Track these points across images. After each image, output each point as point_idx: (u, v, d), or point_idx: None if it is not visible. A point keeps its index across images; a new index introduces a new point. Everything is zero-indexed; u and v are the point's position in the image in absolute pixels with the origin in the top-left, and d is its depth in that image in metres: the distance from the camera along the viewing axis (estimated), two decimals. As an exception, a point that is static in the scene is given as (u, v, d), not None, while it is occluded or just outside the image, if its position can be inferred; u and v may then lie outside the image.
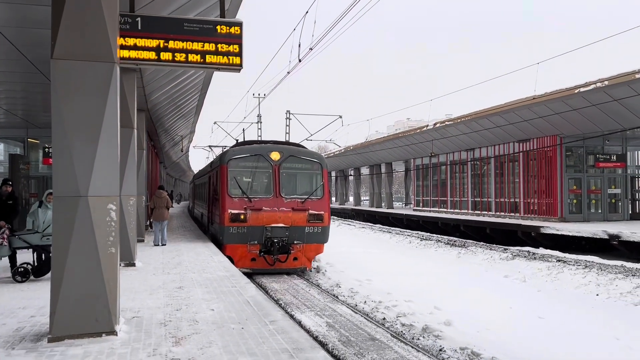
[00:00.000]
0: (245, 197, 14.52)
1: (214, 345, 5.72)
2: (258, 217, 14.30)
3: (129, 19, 6.59)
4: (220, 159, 15.73)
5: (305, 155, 15.74)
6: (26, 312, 7.26)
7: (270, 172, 15.03)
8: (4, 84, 12.93)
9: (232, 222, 14.16)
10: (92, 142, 5.87)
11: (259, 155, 15.13)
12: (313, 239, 14.85)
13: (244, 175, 15.08)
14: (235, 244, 14.33)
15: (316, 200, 14.98)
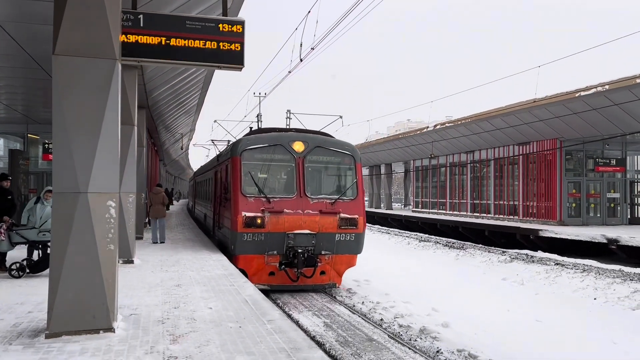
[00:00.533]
0: (262, 196, 11.99)
1: (212, 344, 5.72)
2: (278, 222, 11.82)
3: (131, 16, 6.59)
4: (232, 150, 12.88)
5: (335, 146, 13.02)
6: (24, 308, 7.25)
7: (292, 166, 12.48)
8: (4, 80, 12.92)
9: (247, 227, 11.68)
10: (93, 138, 5.86)
11: (279, 145, 12.48)
12: (345, 248, 12.34)
13: (261, 169, 12.51)
14: (249, 255, 11.88)
15: (348, 201, 12.54)
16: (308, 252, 11.72)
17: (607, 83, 19.62)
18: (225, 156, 14.17)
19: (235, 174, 12.25)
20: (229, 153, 13.37)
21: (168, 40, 6.67)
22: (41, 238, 9.83)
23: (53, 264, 5.81)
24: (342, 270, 12.75)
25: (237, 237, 11.78)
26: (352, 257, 12.65)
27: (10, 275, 9.60)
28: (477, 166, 30.79)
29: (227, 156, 13.54)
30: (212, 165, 18.93)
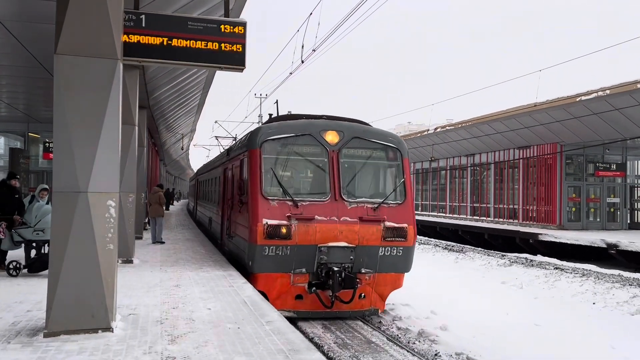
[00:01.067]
0: (288, 199, 9.65)
1: (210, 344, 5.72)
2: (308, 232, 9.47)
3: (133, 16, 6.60)
4: (249, 141, 10.43)
5: (377, 136, 10.59)
6: (22, 307, 7.25)
7: (325, 161, 10.10)
8: (6, 78, 12.95)
9: (268, 238, 9.32)
10: (93, 138, 5.87)
11: (308, 135, 10.09)
12: (390, 266, 10.01)
13: (286, 165, 10.24)
14: (271, 273, 9.55)
15: (395, 206, 10.17)
16: (346, 270, 9.51)
17: (608, 88, 19.63)
18: (240, 149, 11.59)
19: (254, 170, 9.87)
20: (244, 145, 10.92)
21: (170, 40, 6.68)
22: (35, 237, 9.77)
23: (52, 262, 5.81)
24: (386, 292, 10.43)
25: (255, 250, 9.43)
26: (399, 276, 10.32)
27: (8, 274, 9.61)
28: (477, 169, 30.79)
29: (243, 149, 11.02)
30: (220, 162, 16.39)
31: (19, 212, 10.17)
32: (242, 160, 11.08)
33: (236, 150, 12.52)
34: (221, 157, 16.66)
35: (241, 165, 11.16)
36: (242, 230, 10.50)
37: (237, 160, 11.79)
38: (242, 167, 11.07)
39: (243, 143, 11.42)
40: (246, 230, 9.96)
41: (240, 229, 10.81)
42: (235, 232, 11.57)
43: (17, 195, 10.54)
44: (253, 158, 10.00)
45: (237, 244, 11.34)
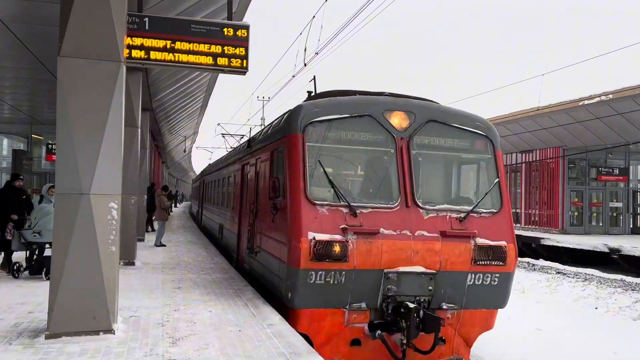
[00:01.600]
0: (342, 205, 7.15)
1: (211, 347, 5.72)
2: (371, 251, 6.98)
3: (137, 19, 6.63)
4: (287, 124, 7.80)
5: (461, 120, 7.94)
6: (24, 308, 7.26)
7: (391, 152, 7.56)
8: (10, 80, 13.00)
9: (317, 260, 6.83)
10: (96, 140, 5.89)
11: (367, 116, 7.55)
12: (480, 299, 7.49)
13: (339, 158, 7.84)
14: (318, 309, 7.08)
15: (488, 216, 7.55)
16: (422, 305, 7.03)
17: (611, 92, 19.63)
18: (270, 138, 8.95)
19: (294, 164, 7.30)
20: (279, 131, 8.25)
21: (173, 43, 6.71)
22: (33, 239, 9.68)
23: (54, 264, 5.82)
24: (473, 335, 7.80)
25: (297, 277, 6.90)
26: (491, 313, 7.71)
27: (13, 276, 9.63)
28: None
29: (276, 137, 8.44)
30: (236, 157, 13.56)
31: (28, 212, 10.19)
32: (273, 152, 8.65)
33: (263, 140, 9.64)
34: (237, 152, 13.82)
35: (272, 159, 8.73)
36: (275, 246, 7.91)
37: (266, 152, 9.23)
38: (273, 160, 8.69)
39: (276, 128, 8.59)
40: (282, 247, 7.41)
41: (272, 245, 8.17)
42: (263, 248, 8.88)
43: (25, 196, 10.55)
44: (293, 147, 7.34)
45: (266, 264, 8.55)
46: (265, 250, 8.72)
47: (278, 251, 7.70)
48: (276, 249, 7.85)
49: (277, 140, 8.36)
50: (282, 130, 7.99)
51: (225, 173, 16.10)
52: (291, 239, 7.03)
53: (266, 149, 9.26)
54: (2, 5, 7.86)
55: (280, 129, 8.21)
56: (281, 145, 7.97)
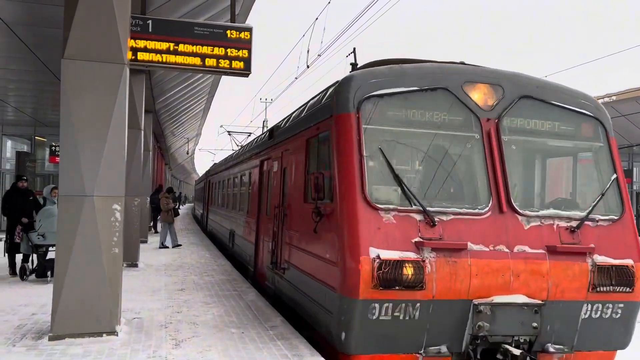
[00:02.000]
0: (414, 210, 5.45)
1: (214, 349, 5.72)
2: (456, 275, 5.28)
3: (140, 21, 6.66)
4: (334, 100, 5.95)
5: (563, 97, 6.15)
6: (28, 310, 7.28)
7: (476, 138, 5.84)
8: (14, 82, 13.05)
9: (383, 287, 5.10)
10: (100, 142, 5.90)
11: (442, 90, 5.84)
12: (597, 337, 5.78)
13: (404, 145, 5.96)
14: (383, 355, 5.38)
15: (606, 224, 5.79)
16: (523, 347, 5.40)
17: (614, 94, 19.60)
18: (305, 123, 7.05)
19: (347, 153, 5.49)
20: (319, 112, 6.43)
21: (176, 45, 6.74)
22: (37, 241, 9.65)
23: (58, 266, 5.83)
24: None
25: (354, 311, 5.17)
26: (609, 356, 5.97)
27: (21, 278, 9.63)
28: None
29: (315, 120, 6.59)
30: (252, 152, 11.64)
31: (37, 214, 10.12)
32: (310, 140, 6.82)
33: (294, 127, 7.82)
34: (254, 146, 11.87)
35: (308, 149, 6.90)
36: (318, 265, 6.03)
37: (297, 142, 7.42)
38: (310, 151, 6.86)
39: (314, 110, 6.72)
40: (329, 267, 5.61)
41: (311, 263, 6.32)
42: (296, 265, 7.06)
43: (32, 197, 10.48)
44: (344, 131, 5.50)
45: (302, 288, 6.71)
46: (300, 269, 6.83)
47: (323, 272, 5.82)
48: (319, 270, 5.95)
49: (316, 124, 6.45)
50: (326, 110, 6.10)
51: (236, 171, 14.24)
52: (345, 257, 5.14)
53: (298, 137, 7.41)
54: (7, 8, 7.90)
55: (322, 108, 6.27)
56: (324, 130, 6.14)
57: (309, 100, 7.69)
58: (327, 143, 6.03)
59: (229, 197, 15.60)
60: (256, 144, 11.77)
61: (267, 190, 9.67)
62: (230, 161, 16.32)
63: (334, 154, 5.65)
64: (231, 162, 15.98)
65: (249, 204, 11.65)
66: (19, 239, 9.83)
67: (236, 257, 13.33)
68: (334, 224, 5.54)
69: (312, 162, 6.80)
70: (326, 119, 6.07)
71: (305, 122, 7.13)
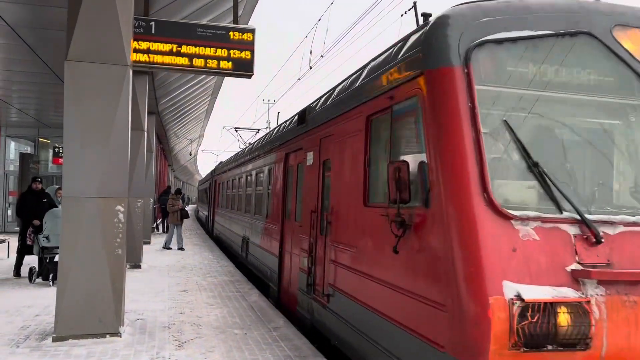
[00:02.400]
0: (565, 219, 3.43)
1: (217, 350, 5.72)
2: (638, 322, 3.20)
3: (143, 23, 6.67)
4: (427, 48, 3.89)
5: None
6: (31, 311, 7.29)
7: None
8: (17, 84, 13.10)
9: (526, 347, 3.08)
10: (103, 143, 5.92)
11: (585, 36, 3.84)
12: None
13: (541, 117, 3.80)
14: None
15: None
16: None
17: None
18: (366, 93, 5.18)
19: (452, 126, 3.61)
20: (396, 70, 4.46)
21: (179, 47, 6.75)
22: (43, 243, 9.52)
23: (61, 267, 5.85)
24: None
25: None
26: None
27: (29, 280, 9.53)
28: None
29: (392, 82, 4.51)
30: (274, 144, 9.74)
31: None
32: (373, 115, 4.95)
33: (342, 102, 5.88)
34: (277, 136, 9.66)
35: (370, 129, 5.04)
36: (402, 303, 4.14)
37: (351, 120, 5.52)
38: (373, 131, 5.01)
39: (386, 68, 4.72)
40: (428, 310, 3.73)
41: (389, 298, 4.37)
42: (355, 296, 5.11)
43: (46, 199, 10.23)
44: (446, 93, 3.74)
45: (371, 332, 4.72)
46: (362, 302, 4.88)
47: (411, 315, 3.94)
48: (405, 310, 4.05)
49: (388, 93, 4.53)
50: (408, 67, 4.20)
51: (251, 168, 12.17)
52: (461, 296, 3.30)
53: (351, 115, 5.49)
54: (10, 11, 7.93)
55: (400, 66, 4.36)
56: (403, 98, 4.24)
57: (365, 65, 5.53)
58: (410, 117, 4.14)
59: (242, 198, 13.34)
60: (278, 133, 9.62)
61: (294, 189, 7.86)
62: (243, 157, 13.97)
63: (429, 131, 3.75)
64: (244, 158, 13.67)
65: (269, 206, 9.75)
66: (31, 241, 9.68)
67: (251, 269, 11.42)
68: (435, 241, 3.62)
69: (379, 149, 4.81)
70: (408, 81, 4.11)
71: (364, 93, 5.12)
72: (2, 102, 15.26)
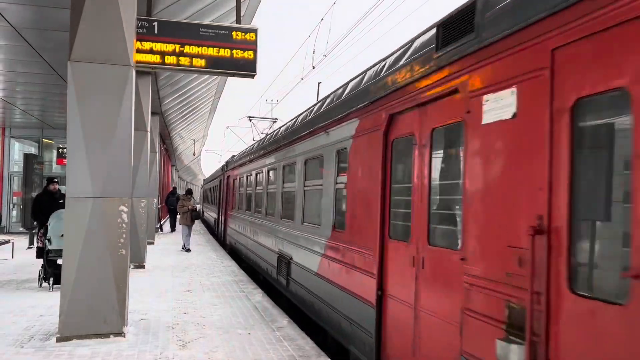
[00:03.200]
0: None
1: (220, 350, 5.72)
2: None
3: (146, 23, 6.67)
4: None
5: None
6: (36, 311, 7.31)
7: None
8: (21, 85, 13.13)
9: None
10: (106, 144, 5.92)
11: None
12: None
13: None
14: None
15: None
16: None
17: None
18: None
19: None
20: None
21: (182, 47, 6.74)
22: (46, 246, 9.09)
23: (65, 267, 5.86)
24: None
25: None
26: None
27: (39, 285, 9.16)
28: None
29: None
30: (360, 99, 5.68)
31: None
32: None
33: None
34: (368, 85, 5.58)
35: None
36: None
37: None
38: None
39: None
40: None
41: None
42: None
43: (62, 201, 9.24)
44: None
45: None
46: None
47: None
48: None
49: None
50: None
51: (296, 154, 8.47)
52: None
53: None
54: (14, 12, 7.95)
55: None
56: None
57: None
58: None
59: (278, 198, 9.71)
60: (368, 83, 5.59)
61: (426, 184, 4.24)
62: (276, 143, 10.12)
63: None
64: (277, 144, 9.99)
65: (340, 213, 6.31)
66: (41, 244, 9.37)
67: (302, 309, 7.68)
68: None
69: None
70: None
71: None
72: (6, 103, 15.31)
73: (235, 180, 15.82)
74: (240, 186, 14.91)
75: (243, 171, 14.17)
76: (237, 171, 15.74)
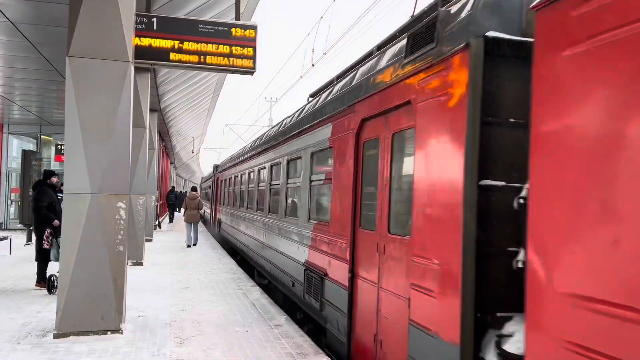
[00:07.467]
0: None
1: (218, 348, 5.71)
2: None
3: (145, 19, 6.64)
4: None
5: None
6: (33, 308, 7.29)
7: None
8: (19, 81, 13.08)
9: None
10: (105, 140, 5.90)
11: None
12: None
13: None
14: None
15: None
16: None
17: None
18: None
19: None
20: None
21: (181, 43, 6.72)
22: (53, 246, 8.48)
23: (62, 264, 5.84)
24: None
25: None
26: None
27: (48, 292, 8.28)
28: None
29: None
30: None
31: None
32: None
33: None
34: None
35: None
36: None
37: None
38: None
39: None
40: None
41: None
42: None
43: (61, 196, 8.83)
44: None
45: None
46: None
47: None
48: None
49: None
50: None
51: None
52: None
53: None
54: (12, 7, 7.91)
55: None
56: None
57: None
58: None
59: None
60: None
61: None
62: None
63: None
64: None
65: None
66: (48, 245, 8.31)
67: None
68: None
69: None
70: None
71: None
72: (4, 100, 15.26)
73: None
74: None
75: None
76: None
